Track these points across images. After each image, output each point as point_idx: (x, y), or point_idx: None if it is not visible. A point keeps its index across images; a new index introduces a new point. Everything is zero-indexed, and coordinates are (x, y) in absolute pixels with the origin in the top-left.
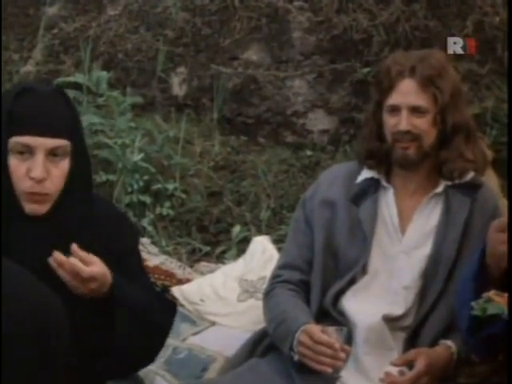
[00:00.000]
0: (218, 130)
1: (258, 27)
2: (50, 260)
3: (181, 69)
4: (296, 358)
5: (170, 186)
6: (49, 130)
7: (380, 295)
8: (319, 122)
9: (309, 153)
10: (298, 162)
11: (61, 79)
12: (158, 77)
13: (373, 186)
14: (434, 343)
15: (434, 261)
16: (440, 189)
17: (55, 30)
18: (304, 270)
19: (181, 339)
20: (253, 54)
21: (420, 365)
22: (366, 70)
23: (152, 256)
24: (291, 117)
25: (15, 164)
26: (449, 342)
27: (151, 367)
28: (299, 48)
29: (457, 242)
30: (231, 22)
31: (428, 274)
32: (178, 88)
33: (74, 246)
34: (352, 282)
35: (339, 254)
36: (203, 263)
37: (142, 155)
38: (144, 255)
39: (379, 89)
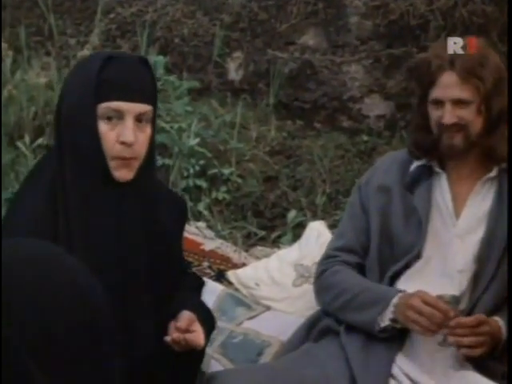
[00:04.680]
0: (274, 115)
1: (314, 12)
2: (167, 338)
3: (237, 54)
4: (385, 323)
5: (226, 171)
6: (138, 96)
7: (434, 279)
8: (375, 107)
9: (365, 138)
10: (353, 147)
11: None
12: (215, 61)
13: (426, 173)
14: None
15: (487, 245)
16: (494, 173)
17: (112, 15)
18: (360, 253)
19: (236, 323)
20: (309, 39)
21: (479, 315)
22: (422, 55)
23: (208, 240)
24: (347, 102)
25: (105, 130)
26: (496, 317)
27: (207, 351)
28: (356, 33)
29: (510, 225)
30: (288, 7)
31: (482, 258)
32: (235, 73)
33: (182, 323)
34: (407, 266)
35: (394, 240)
36: (259, 248)
37: (198, 140)
38: (200, 239)
39: (421, 83)
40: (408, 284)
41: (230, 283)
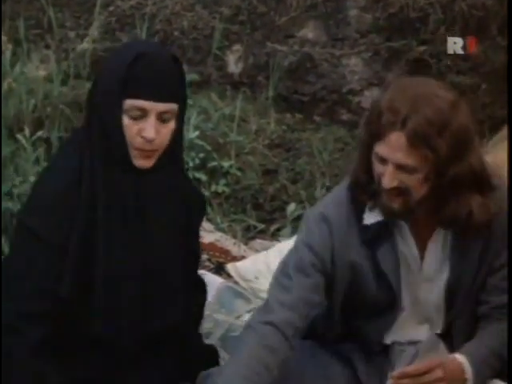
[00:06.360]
0: (274, 108)
1: (313, 5)
2: None
3: (237, 47)
4: None
5: (226, 164)
6: (162, 96)
7: (410, 326)
8: None
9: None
10: (353, 140)
11: None
12: (214, 54)
13: (386, 228)
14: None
15: (455, 283)
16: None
17: (111, 8)
18: (302, 313)
19: (235, 316)
20: (309, 32)
21: (431, 359)
22: (422, 48)
23: (207, 233)
24: (347, 95)
25: (129, 123)
26: (458, 355)
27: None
28: (355, 26)
29: (475, 266)
30: (287, 0)
31: (451, 296)
32: (234, 66)
33: None
34: (392, 321)
35: (367, 298)
36: (258, 241)
37: (197, 133)
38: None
39: (369, 129)
40: (397, 333)
41: (229, 276)
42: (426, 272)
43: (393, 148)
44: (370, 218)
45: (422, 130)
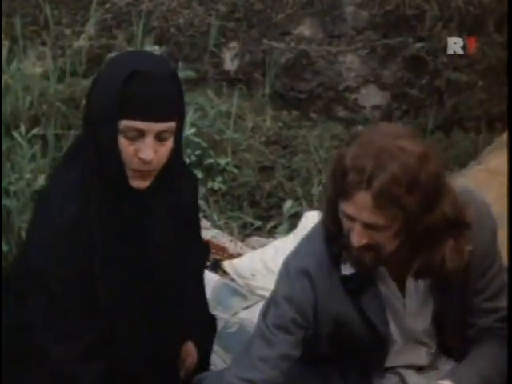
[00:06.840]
0: (270, 105)
1: (310, 2)
2: None
3: (233, 44)
4: None
5: (222, 161)
6: (159, 116)
7: (414, 348)
8: (371, 98)
9: (361, 128)
10: None
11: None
12: (210, 51)
13: (366, 276)
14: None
15: (440, 314)
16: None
17: (108, 5)
18: (283, 369)
19: (231, 313)
20: (305, 29)
21: None
22: (418, 45)
23: (204, 230)
24: (343, 92)
25: (124, 144)
26: (445, 382)
27: None
28: (352, 23)
29: (459, 295)
30: None
31: (438, 325)
32: (230, 63)
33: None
34: (385, 354)
35: (354, 340)
36: (255, 238)
37: (193, 130)
38: None
39: (334, 187)
40: (379, 363)
41: (225, 273)
42: (409, 309)
43: (359, 208)
44: (347, 268)
45: (389, 190)
